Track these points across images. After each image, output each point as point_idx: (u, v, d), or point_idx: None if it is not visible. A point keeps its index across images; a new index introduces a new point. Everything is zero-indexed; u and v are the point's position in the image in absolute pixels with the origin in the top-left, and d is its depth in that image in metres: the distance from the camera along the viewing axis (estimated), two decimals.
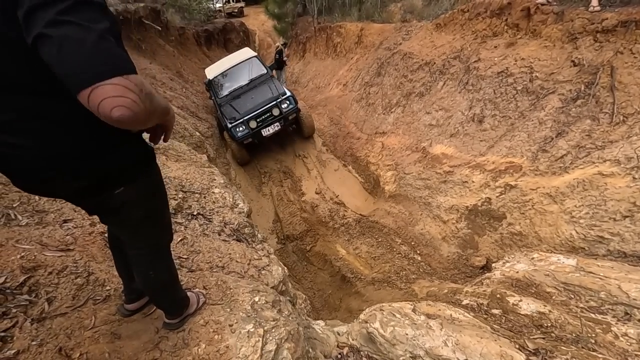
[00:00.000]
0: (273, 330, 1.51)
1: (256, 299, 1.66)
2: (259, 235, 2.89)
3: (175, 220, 2.45)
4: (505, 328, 2.11)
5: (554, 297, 2.38)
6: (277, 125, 6.47)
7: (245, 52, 7.92)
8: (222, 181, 3.41)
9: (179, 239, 2.18)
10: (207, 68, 8.10)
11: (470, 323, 2.12)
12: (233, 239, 2.51)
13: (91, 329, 1.37)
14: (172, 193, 2.75)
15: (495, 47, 4.85)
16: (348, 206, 5.62)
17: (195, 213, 2.65)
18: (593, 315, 2.16)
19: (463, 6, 5.67)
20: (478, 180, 4.20)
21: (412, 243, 4.43)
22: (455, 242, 4.11)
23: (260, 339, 1.42)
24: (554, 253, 2.99)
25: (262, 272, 2.15)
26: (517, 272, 2.74)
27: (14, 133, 0.79)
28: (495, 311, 2.32)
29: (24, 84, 0.75)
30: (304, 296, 3.37)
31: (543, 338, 1.98)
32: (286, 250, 5.17)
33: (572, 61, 3.82)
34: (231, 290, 1.68)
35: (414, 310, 2.24)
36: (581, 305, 2.26)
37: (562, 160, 3.49)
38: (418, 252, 4.29)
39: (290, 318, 1.72)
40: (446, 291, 3.14)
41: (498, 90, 4.51)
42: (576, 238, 3.01)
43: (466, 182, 4.33)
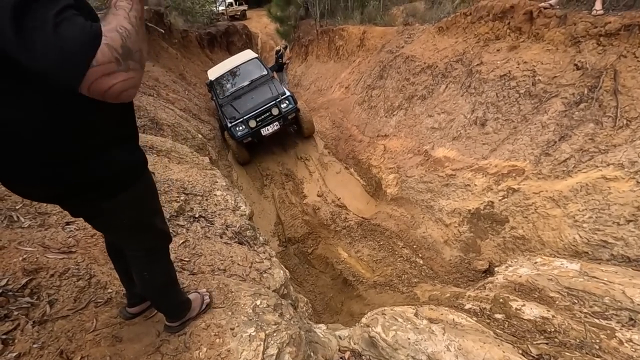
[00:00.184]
0: (274, 334, 1.51)
1: (258, 303, 1.65)
2: (261, 238, 2.89)
3: (177, 222, 2.45)
4: (508, 333, 2.09)
5: (558, 302, 2.36)
6: (277, 124, 6.52)
7: (246, 54, 8.01)
8: (224, 183, 3.41)
9: (181, 242, 2.18)
10: (210, 69, 8.17)
11: (473, 328, 2.11)
12: (235, 242, 2.50)
13: (92, 332, 1.36)
14: (174, 195, 2.75)
15: (497, 51, 4.84)
16: (350, 209, 5.61)
17: (197, 215, 2.65)
18: (597, 320, 2.14)
19: (465, 10, 5.67)
20: (480, 183, 4.18)
21: (414, 246, 4.42)
22: (457, 246, 4.09)
23: (261, 343, 1.42)
24: (557, 257, 2.97)
25: (264, 275, 2.15)
26: (520, 277, 2.73)
27: None
28: (498, 316, 2.31)
29: None
30: (306, 299, 3.36)
31: (546, 343, 1.96)
32: (288, 253, 5.16)
33: (575, 65, 3.81)
34: (233, 293, 1.68)
35: (416, 314, 2.23)
36: (585, 310, 2.24)
37: (565, 164, 3.47)
38: (420, 256, 4.27)
39: (291, 322, 1.71)
40: (448, 295, 3.12)
41: (500, 93, 4.50)
42: (579, 242, 2.99)
43: (468, 186, 4.31)
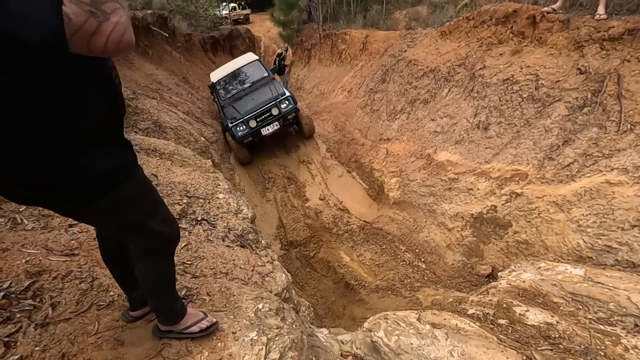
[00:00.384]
0: (277, 338, 1.50)
1: (260, 306, 1.64)
2: (263, 241, 2.89)
3: (179, 225, 2.44)
4: (512, 339, 2.08)
5: (562, 308, 2.34)
6: (276, 124, 6.61)
7: (248, 57, 8.19)
8: (227, 186, 3.42)
9: (183, 245, 2.18)
10: (212, 72, 8.30)
11: (476, 333, 2.09)
12: (237, 245, 2.50)
13: (94, 335, 1.36)
14: (177, 198, 2.75)
15: (500, 55, 4.84)
16: (352, 212, 5.59)
17: (199, 218, 2.65)
18: (602, 326, 2.12)
19: (468, 14, 5.68)
20: (483, 187, 4.17)
21: (417, 250, 4.40)
22: (460, 250, 4.07)
23: (263, 347, 1.41)
24: (561, 262, 2.95)
25: (266, 279, 2.14)
26: (524, 282, 2.71)
27: None
28: (501, 321, 2.29)
29: None
30: (307, 303, 3.35)
31: (551, 350, 1.94)
32: (289, 256, 5.14)
33: (579, 69, 3.80)
34: (235, 297, 1.67)
35: (419, 319, 2.21)
36: (590, 316, 2.22)
37: (569, 168, 3.45)
38: (422, 260, 4.25)
39: (294, 326, 1.70)
40: (451, 300, 3.10)
41: (503, 97, 4.50)
42: (583, 247, 2.96)
43: (471, 190, 4.30)
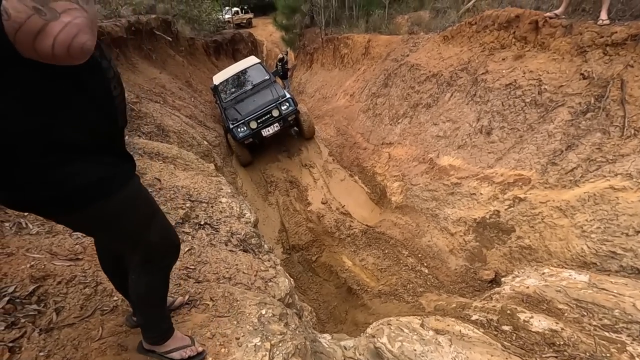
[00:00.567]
0: (280, 344, 1.50)
1: (263, 312, 1.64)
2: (266, 245, 2.88)
3: (182, 230, 2.45)
4: (516, 345, 2.06)
5: (566, 314, 2.32)
6: (277, 125, 6.70)
7: (250, 60, 8.29)
8: (229, 190, 3.42)
9: (187, 249, 2.18)
10: (215, 75, 8.40)
11: (480, 340, 2.08)
12: (240, 250, 2.50)
13: (98, 341, 1.36)
14: (180, 202, 2.76)
15: (503, 60, 4.85)
16: (354, 217, 5.59)
17: (202, 223, 2.66)
18: (607, 333, 2.10)
19: (470, 19, 5.70)
20: (486, 192, 4.16)
21: (419, 255, 4.38)
22: (463, 255, 4.06)
23: (267, 353, 1.40)
24: (565, 268, 2.93)
25: (269, 284, 2.14)
26: (528, 288, 2.69)
27: None
28: (505, 328, 2.27)
29: None
30: (310, 308, 3.34)
31: (556, 357, 1.93)
32: (291, 260, 5.14)
33: (582, 74, 3.80)
34: (238, 302, 1.67)
35: (422, 325, 2.20)
36: (594, 323, 2.20)
37: (573, 173, 3.44)
38: (425, 265, 4.24)
39: (297, 332, 1.70)
40: (454, 305, 3.09)
41: (506, 102, 4.50)
42: (588, 253, 2.95)
43: (474, 194, 4.29)
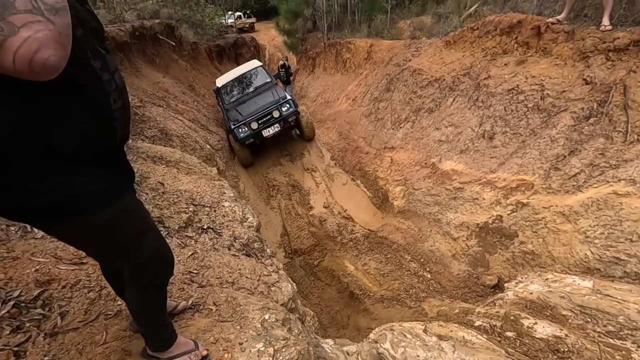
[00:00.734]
0: (283, 349, 1.49)
1: (266, 317, 1.64)
2: (268, 250, 2.89)
3: (185, 234, 2.46)
4: (520, 352, 2.05)
5: (570, 321, 2.31)
6: (277, 126, 6.83)
7: (252, 63, 8.46)
8: (232, 194, 3.43)
9: (190, 253, 2.19)
10: (217, 78, 8.54)
11: (483, 346, 2.07)
12: (242, 254, 2.50)
13: (102, 345, 1.36)
14: (183, 206, 2.77)
15: (505, 65, 4.86)
16: (356, 221, 5.58)
17: (205, 227, 2.66)
18: (612, 340, 2.09)
19: (472, 24, 5.72)
20: (489, 197, 4.15)
21: (422, 260, 4.37)
22: (465, 260, 4.04)
23: (270, 359, 1.40)
24: (569, 274, 2.92)
25: (272, 289, 2.14)
26: (531, 293, 2.68)
27: None
28: (509, 334, 2.26)
29: None
30: (312, 313, 3.33)
31: None
32: (293, 264, 5.13)
33: (584, 79, 3.80)
34: (241, 307, 1.67)
35: (425, 330, 2.19)
36: (599, 329, 2.19)
37: (575, 178, 3.43)
38: (428, 270, 4.22)
39: (300, 337, 1.69)
40: (457, 311, 3.07)
41: (509, 107, 4.50)
42: (591, 259, 2.93)
43: (477, 199, 4.28)
